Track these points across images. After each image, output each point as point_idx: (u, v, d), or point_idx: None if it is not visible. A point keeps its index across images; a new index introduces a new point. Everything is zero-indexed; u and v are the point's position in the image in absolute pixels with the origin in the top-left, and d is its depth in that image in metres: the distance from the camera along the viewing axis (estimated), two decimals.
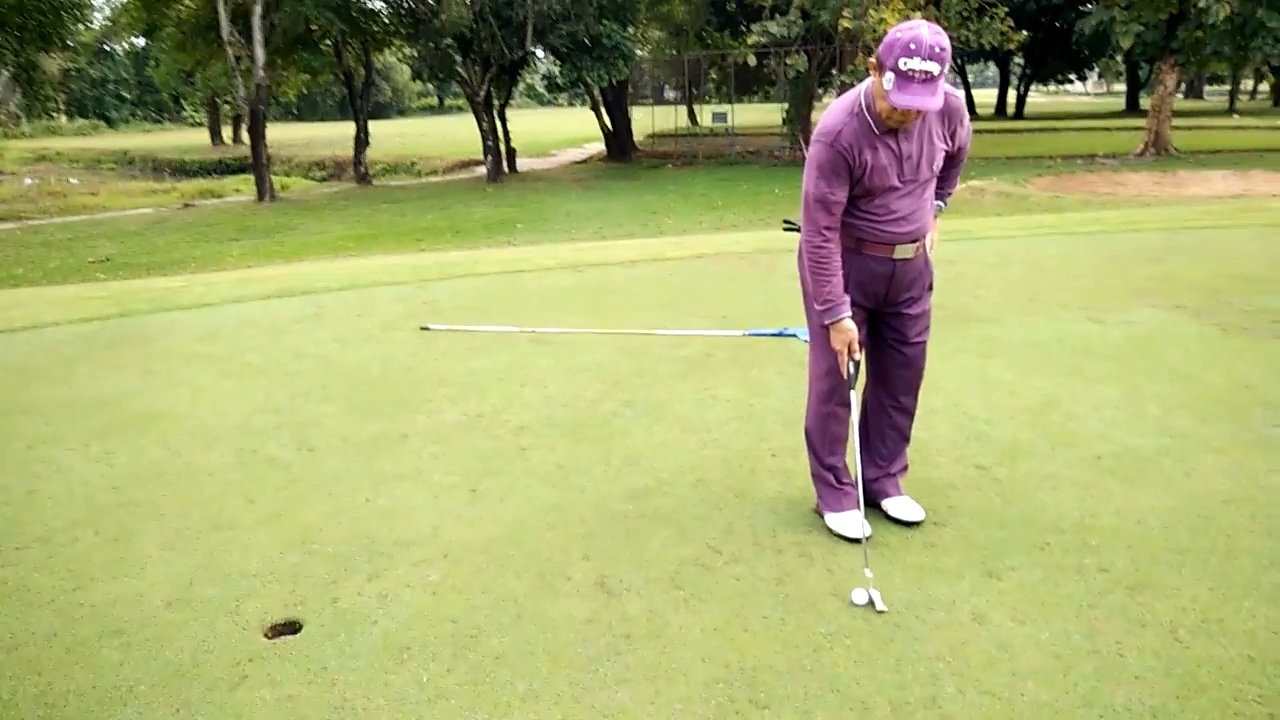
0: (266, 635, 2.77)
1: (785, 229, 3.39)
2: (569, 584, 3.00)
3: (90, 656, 2.68)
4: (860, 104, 2.84)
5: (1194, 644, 2.59)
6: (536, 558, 3.17)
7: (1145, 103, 29.21)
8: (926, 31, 2.62)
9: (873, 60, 2.72)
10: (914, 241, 2.99)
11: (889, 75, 2.66)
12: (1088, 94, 74.34)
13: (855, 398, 3.12)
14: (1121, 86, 49.48)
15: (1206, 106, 45.67)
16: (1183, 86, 53.23)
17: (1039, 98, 63.77)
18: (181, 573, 3.13)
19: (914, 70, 2.61)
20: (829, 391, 3.18)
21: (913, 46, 2.60)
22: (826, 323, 2.99)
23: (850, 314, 2.97)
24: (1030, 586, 2.91)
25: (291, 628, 2.81)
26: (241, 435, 4.40)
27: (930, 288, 3.18)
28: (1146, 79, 37.33)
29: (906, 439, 3.36)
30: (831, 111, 2.89)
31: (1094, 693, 2.40)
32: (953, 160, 3.11)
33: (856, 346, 3.01)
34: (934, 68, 2.61)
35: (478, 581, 3.03)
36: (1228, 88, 45.79)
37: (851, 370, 3.05)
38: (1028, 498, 3.50)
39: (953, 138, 2.98)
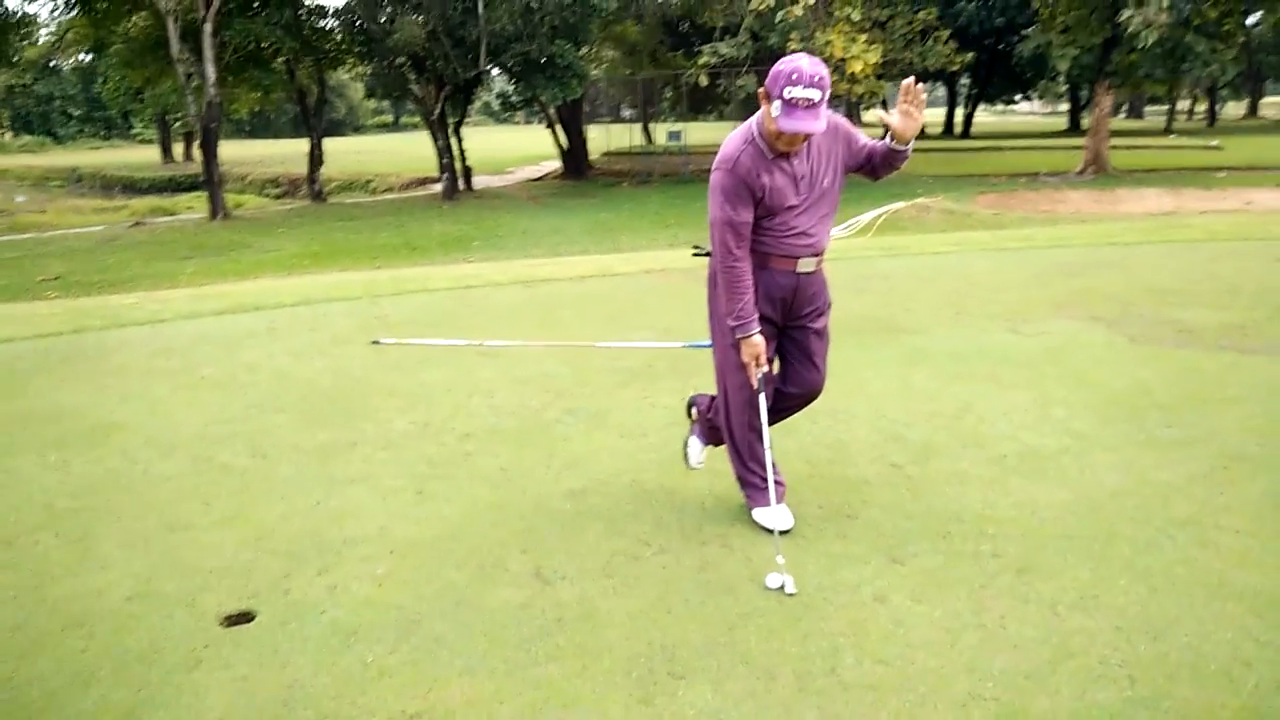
0: (221, 624, 2.96)
1: (695, 254, 3.67)
2: (507, 574, 3.23)
3: (53, 646, 2.85)
4: (754, 132, 3.14)
5: (1070, 617, 2.88)
6: (477, 552, 3.39)
7: (1086, 122, 30.21)
8: (806, 63, 2.93)
9: (762, 91, 3.02)
10: (815, 255, 3.29)
11: (776, 103, 2.96)
12: (1035, 113, 76.17)
13: (763, 402, 3.39)
14: (1066, 105, 50.90)
15: (1145, 126, 47.11)
16: (1124, 107, 54.96)
17: (987, 117, 65.27)
18: (140, 570, 3.31)
19: (797, 98, 2.91)
20: (746, 402, 3.44)
21: (795, 76, 2.91)
22: (739, 337, 3.26)
23: (759, 329, 3.25)
24: (929, 571, 3.19)
25: (245, 617, 3.00)
26: (197, 444, 4.57)
27: (829, 305, 3.48)
28: (1088, 99, 38.66)
29: None
30: (729, 141, 3.18)
31: (977, 660, 2.68)
32: (873, 156, 3.29)
33: (764, 359, 3.29)
34: (815, 94, 2.92)
35: (421, 574, 3.24)
36: (1166, 108, 47.32)
37: (761, 379, 3.32)
38: (935, 492, 3.80)
39: (849, 147, 3.26)
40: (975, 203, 18.81)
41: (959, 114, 46.34)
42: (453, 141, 26.68)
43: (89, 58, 41.87)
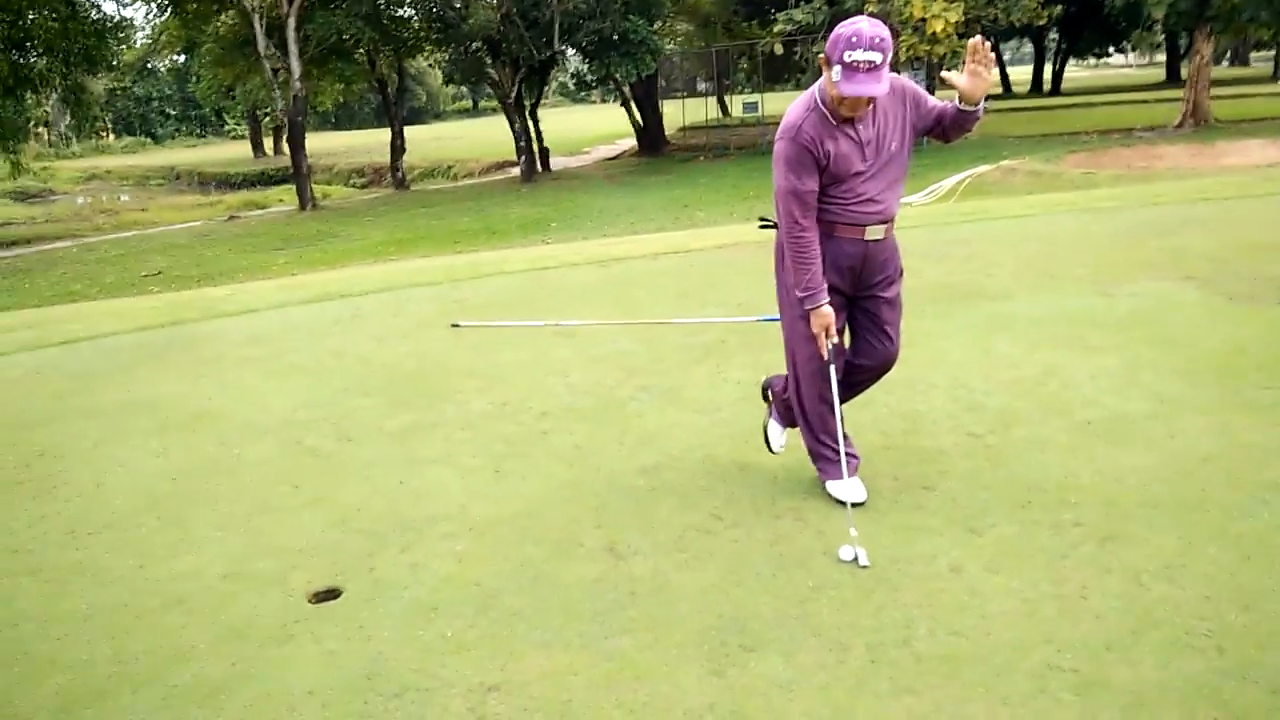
0: (310, 601, 3.10)
1: (761, 227, 3.64)
2: (581, 550, 3.29)
3: (156, 623, 3.02)
4: (815, 99, 3.09)
5: (1154, 587, 2.80)
6: (553, 528, 3.46)
7: (1185, 72, 28.75)
8: (866, 25, 2.88)
9: (822, 57, 2.97)
10: (883, 222, 3.23)
11: (836, 68, 2.91)
12: (1130, 66, 72.96)
13: (834, 374, 3.35)
14: (1164, 56, 48.54)
15: (1251, 74, 44.70)
16: (1228, 54, 52.15)
17: (1079, 71, 62.81)
18: (234, 550, 3.47)
19: (858, 61, 2.86)
20: (816, 373, 3.41)
21: (854, 40, 2.86)
22: (807, 309, 3.23)
23: (828, 300, 3.21)
24: (1007, 541, 3.13)
25: (332, 594, 3.13)
26: (286, 429, 4.75)
27: (901, 273, 3.42)
28: (1187, 48, 36.73)
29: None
30: (791, 109, 3.14)
31: (1055, 630, 2.63)
32: (943, 118, 3.20)
33: (834, 330, 3.25)
34: (876, 57, 2.86)
35: (499, 550, 3.33)
36: (1274, 53, 44.72)
37: (831, 350, 3.29)
38: (1015, 461, 3.72)
39: (917, 110, 3.19)
40: (1064, 162, 18.15)
41: (1047, 70, 44.64)
42: (529, 124, 26.90)
43: (182, 58, 43.50)
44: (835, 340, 3.29)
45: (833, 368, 3.32)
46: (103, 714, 2.58)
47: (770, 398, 3.84)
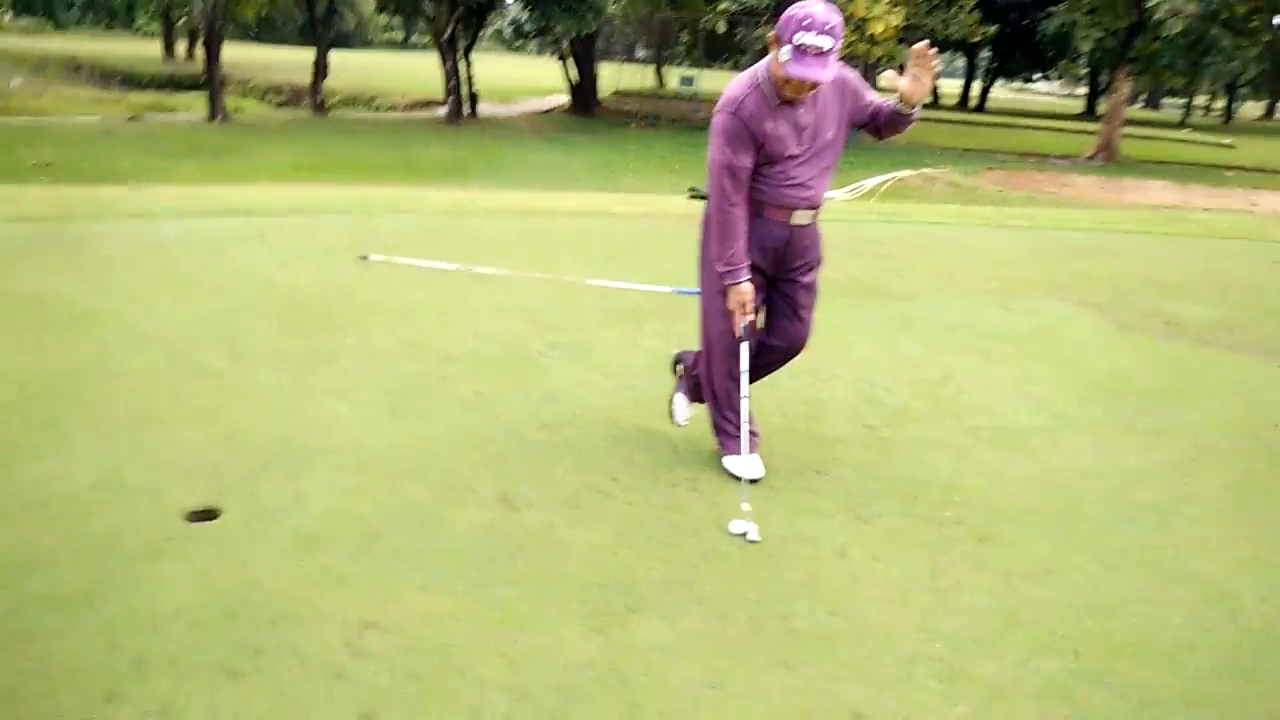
0: (185, 519, 2.97)
1: (690, 197, 3.63)
2: (474, 497, 3.24)
3: (13, 525, 2.86)
4: (760, 77, 3.08)
5: (1023, 588, 2.92)
6: (446, 472, 3.40)
7: (1102, 107, 29.93)
8: (820, 9, 2.87)
9: (772, 35, 2.96)
10: (811, 208, 3.25)
11: (786, 49, 2.90)
12: (1053, 94, 75.37)
13: (745, 351, 3.37)
14: (1084, 89, 50.35)
15: (1161, 117, 46.73)
16: (1143, 96, 54.40)
17: (1004, 93, 64.55)
18: (106, 460, 3.31)
19: (808, 45, 2.85)
20: (728, 349, 3.43)
21: (807, 22, 2.85)
22: (727, 284, 3.23)
23: (749, 278, 3.22)
24: (891, 531, 3.22)
25: (209, 515, 3.01)
26: (175, 341, 4.54)
27: (820, 261, 3.45)
28: (1106, 85, 38.18)
29: None
30: (734, 84, 3.13)
31: (927, 620, 2.72)
32: (879, 115, 3.24)
33: (751, 308, 3.27)
34: (826, 43, 2.86)
35: (388, 487, 3.25)
36: (1184, 101, 46.91)
37: (745, 328, 3.31)
38: (906, 456, 3.82)
39: (855, 102, 3.21)
40: (982, 178, 18.71)
41: (975, 87, 45.83)
42: (461, 66, 26.24)
43: None
44: (751, 318, 3.30)
45: (745, 345, 3.34)
46: None
47: (680, 371, 3.84)
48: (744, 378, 3.41)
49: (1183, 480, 3.75)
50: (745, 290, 3.23)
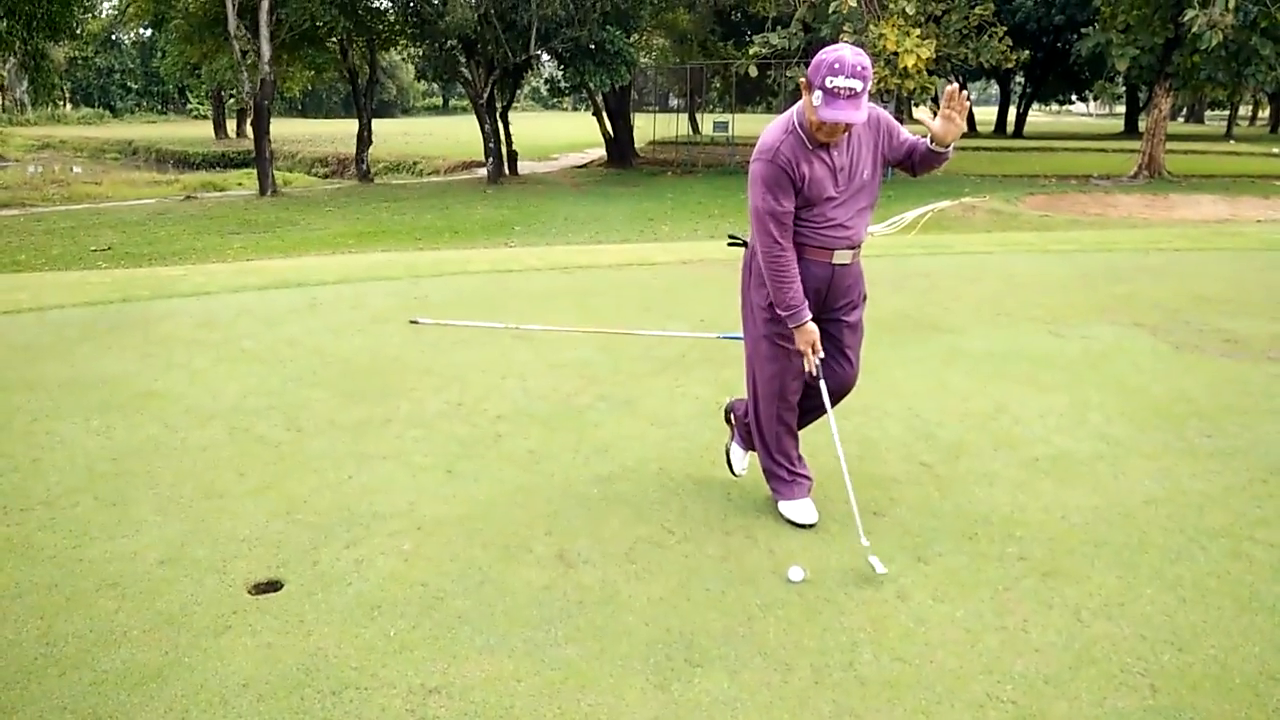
0: (250, 592, 3.03)
1: (730, 244, 3.66)
2: (531, 555, 3.26)
3: (88, 605, 2.93)
4: (794, 122, 3.12)
5: (1094, 624, 2.85)
6: (503, 532, 3.43)
7: (1143, 125, 29.57)
8: (849, 53, 2.91)
9: (803, 80, 3.00)
10: (851, 248, 3.27)
11: (817, 93, 2.94)
12: (1090, 115, 74.79)
13: (824, 389, 3.36)
14: (1123, 108, 49.83)
15: (1205, 131, 46.02)
16: (1184, 111, 53.70)
17: (1041, 117, 64.23)
18: (173, 536, 3.39)
19: (839, 87, 2.89)
20: (778, 392, 3.43)
21: (837, 66, 2.89)
22: (792, 326, 3.24)
23: (811, 317, 3.23)
24: (953, 570, 3.16)
25: (273, 586, 3.06)
26: (234, 415, 4.66)
27: (864, 299, 3.46)
28: (1145, 102, 37.76)
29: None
30: (769, 130, 3.17)
31: (996, 661, 2.66)
32: (914, 153, 3.24)
33: (819, 346, 3.27)
34: (856, 85, 2.89)
35: (447, 551, 3.28)
36: (1227, 113, 46.15)
37: (818, 366, 3.31)
38: (964, 493, 3.77)
39: (890, 141, 3.24)
40: (1023, 204, 18.51)
41: (1011, 113, 45.60)
42: (499, 126, 26.78)
43: (149, 32, 42.63)
44: (821, 355, 3.30)
45: (822, 384, 3.33)
46: (28, 696, 2.49)
47: (733, 421, 3.84)
48: (815, 416, 3.43)
49: (1254, 503, 3.65)
50: (811, 329, 3.24)
